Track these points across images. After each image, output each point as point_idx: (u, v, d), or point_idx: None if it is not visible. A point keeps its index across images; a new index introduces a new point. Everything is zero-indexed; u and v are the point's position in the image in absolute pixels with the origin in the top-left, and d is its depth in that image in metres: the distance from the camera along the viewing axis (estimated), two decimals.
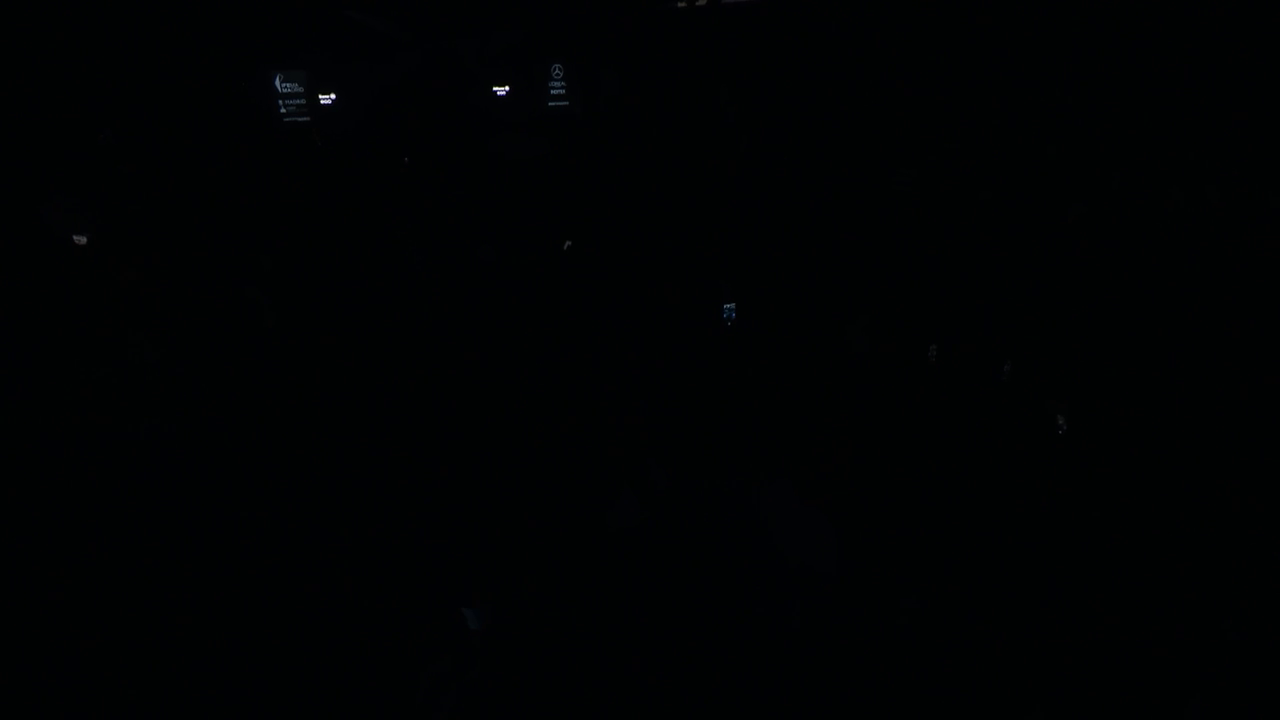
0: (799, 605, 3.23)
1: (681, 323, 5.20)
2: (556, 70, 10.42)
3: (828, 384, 4.24)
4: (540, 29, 10.24)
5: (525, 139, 10.08)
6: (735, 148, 9.46)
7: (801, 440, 3.73)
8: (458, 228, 7.48)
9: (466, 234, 7.29)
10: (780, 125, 9.56)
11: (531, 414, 4.26)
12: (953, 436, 4.30)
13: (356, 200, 7.45)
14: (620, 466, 3.75)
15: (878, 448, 3.90)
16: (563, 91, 10.50)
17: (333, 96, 9.42)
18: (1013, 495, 3.94)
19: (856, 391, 4.32)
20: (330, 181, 7.75)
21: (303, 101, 9.30)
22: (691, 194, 8.34)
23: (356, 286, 5.69)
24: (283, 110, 9.25)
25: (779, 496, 3.42)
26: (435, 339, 5.21)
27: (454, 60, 9.98)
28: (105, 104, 7.23)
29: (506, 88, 10.34)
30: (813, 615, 3.21)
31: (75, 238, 4.74)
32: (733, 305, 5.18)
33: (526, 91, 10.36)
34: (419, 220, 7.46)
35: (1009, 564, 3.52)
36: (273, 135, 8.80)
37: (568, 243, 7.23)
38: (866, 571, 3.34)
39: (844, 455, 3.70)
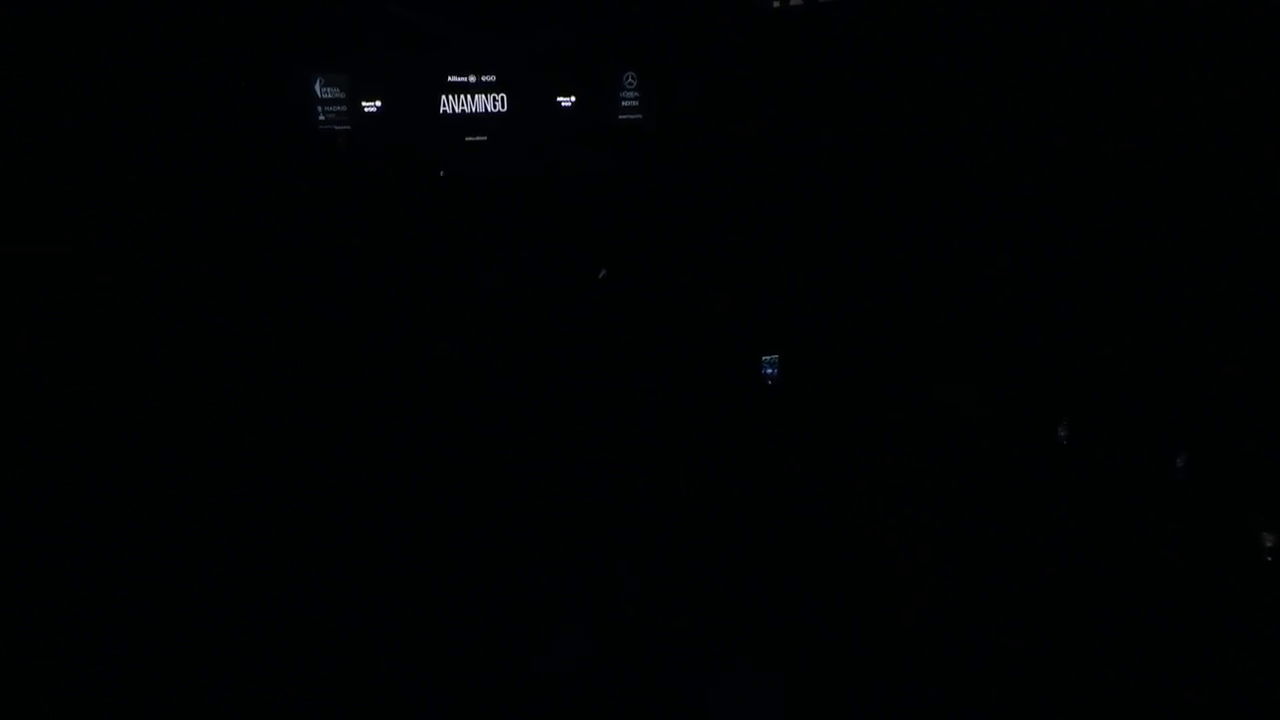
0: None
1: (710, 382, 3.86)
2: (629, 79, 9.44)
3: (901, 493, 2.76)
4: (611, 33, 9.25)
5: (589, 154, 9.10)
6: (828, 171, 8.06)
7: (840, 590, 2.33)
8: (481, 248, 6.49)
9: (484, 256, 6.26)
10: (885, 146, 8.06)
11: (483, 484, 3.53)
12: (1092, 571, 2.74)
13: (371, 213, 6.62)
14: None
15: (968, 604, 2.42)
16: (635, 103, 9.55)
17: (378, 104, 8.64)
18: (1196, 670, 2.35)
19: (944, 502, 2.82)
20: (349, 192, 6.94)
21: (343, 108, 8.57)
22: (769, 222, 7.03)
23: (338, 306, 4.89)
24: (321, 117, 8.54)
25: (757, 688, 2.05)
26: (411, 374, 4.55)
27: (519, 68, 9.08)
28: (113, 97, 6.69)
29: (573, 98, 9.38)
30: None
31: None
32: (775, 358, 3.78)
33: (594, 102, 9.40)
34: (438, 238, 6.53)
35: None
36: (302, 142, 8.09)
37: (603, 271, 6.08)
38: None
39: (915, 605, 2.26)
